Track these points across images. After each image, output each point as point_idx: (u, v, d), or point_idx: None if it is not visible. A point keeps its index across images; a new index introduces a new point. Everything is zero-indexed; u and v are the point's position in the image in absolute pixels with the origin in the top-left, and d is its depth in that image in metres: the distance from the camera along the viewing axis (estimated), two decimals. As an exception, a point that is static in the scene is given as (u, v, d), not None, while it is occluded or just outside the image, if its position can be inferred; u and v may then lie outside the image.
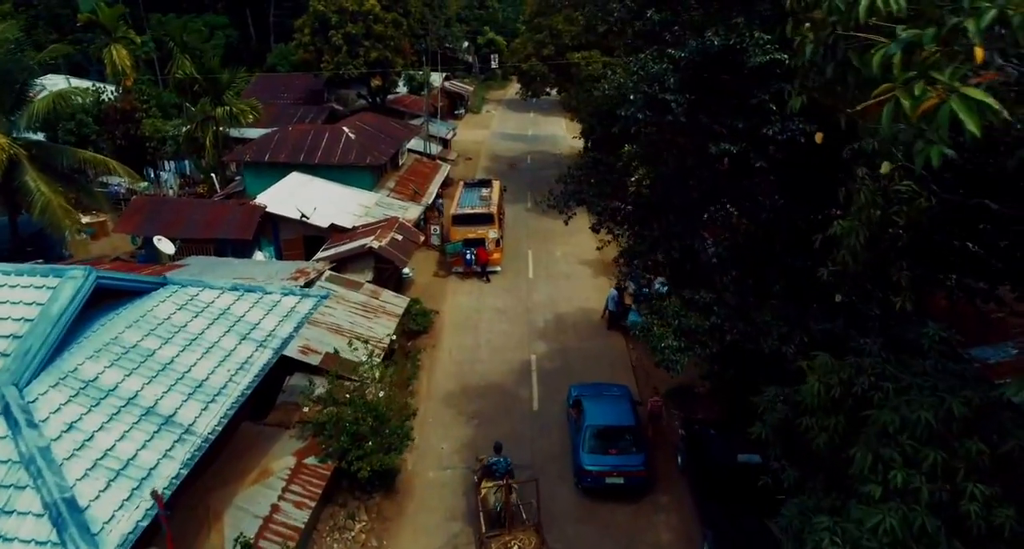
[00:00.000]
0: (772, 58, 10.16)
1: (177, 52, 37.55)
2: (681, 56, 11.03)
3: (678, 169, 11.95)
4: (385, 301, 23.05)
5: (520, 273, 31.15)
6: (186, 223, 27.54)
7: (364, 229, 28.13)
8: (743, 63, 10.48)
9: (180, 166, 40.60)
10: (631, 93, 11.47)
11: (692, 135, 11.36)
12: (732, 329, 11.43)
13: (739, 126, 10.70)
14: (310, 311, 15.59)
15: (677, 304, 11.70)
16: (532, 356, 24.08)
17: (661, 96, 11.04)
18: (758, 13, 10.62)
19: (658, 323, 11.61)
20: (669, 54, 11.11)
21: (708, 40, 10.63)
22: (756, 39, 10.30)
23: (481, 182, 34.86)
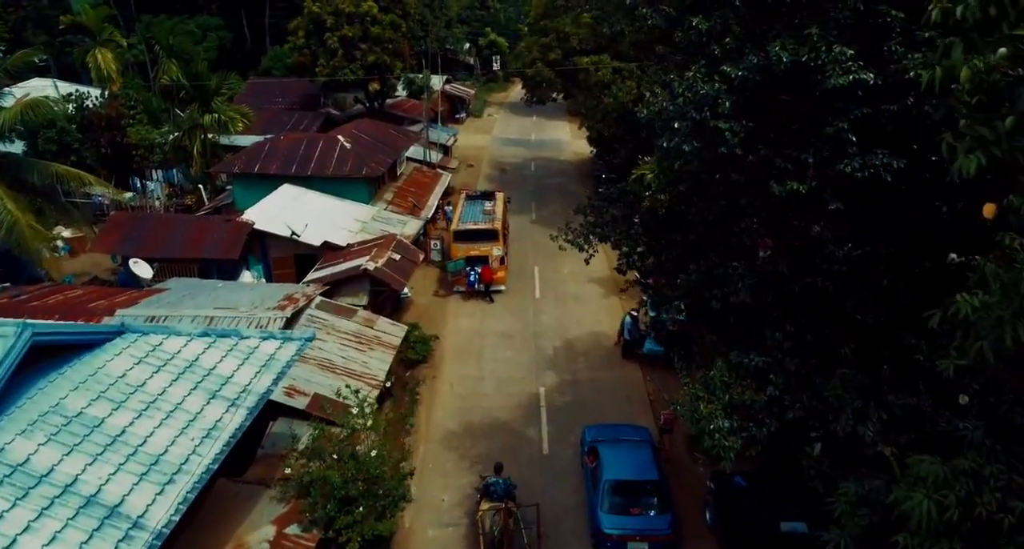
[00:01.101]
0: (856, 78, 8.28)
1: (163, 56, 35.66)
2: (738, 75, 9.14)
3: (729, 209, 10.09)
4: (381, 331, 21.13)
5: (526, 293, 29.25)
6: (168, 241, 25.64)
7: (359, 248, 26.23)
8: (816, 84, 8.61)
9: (168, 175, 38.67)
10: (675, 120, 9.55)
11: (749, 171, 9.50)
12: (794, 404, 9.57)
13: (808, 161, 8.83)
14: (292, 358, 13.67)
15: (724, 370, 9.83)
16: (541, 388, 22.20)
17: (713, 123, 9.14)
18: (836, 22, 8.72)
19: (705, 397, 9.73)
20: (722, 72, 9.21)
21: (774, 55, 8.72)
22: (836, 54, 8.41)
23: (484, 194, 32.95)
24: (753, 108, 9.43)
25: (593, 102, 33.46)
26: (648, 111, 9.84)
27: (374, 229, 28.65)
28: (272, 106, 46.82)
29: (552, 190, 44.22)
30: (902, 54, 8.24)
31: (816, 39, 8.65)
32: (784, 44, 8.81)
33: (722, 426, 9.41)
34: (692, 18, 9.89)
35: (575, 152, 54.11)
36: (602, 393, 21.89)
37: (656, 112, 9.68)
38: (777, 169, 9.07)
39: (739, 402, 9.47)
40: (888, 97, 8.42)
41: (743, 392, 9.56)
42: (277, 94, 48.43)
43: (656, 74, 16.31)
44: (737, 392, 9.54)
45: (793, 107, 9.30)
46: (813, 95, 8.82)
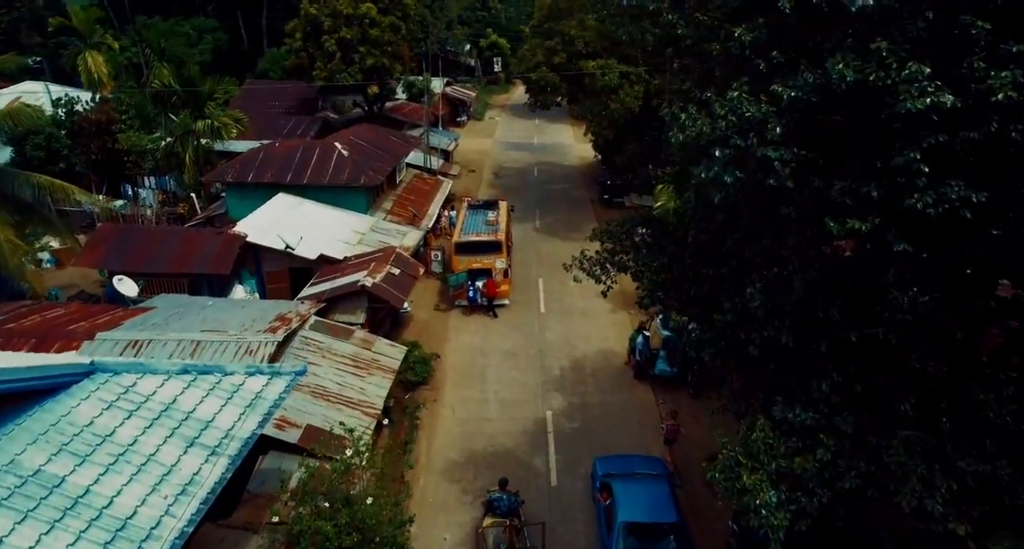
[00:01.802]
0: (935, 101, 7.10)
1: (155, 60, 34.49)
2: (791, 96, 7.97)
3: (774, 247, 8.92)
4: (379, 353, 19.98)
5: (530, 307, 28.09)
6: (156, 255, 24.49)
7: (357, 261, 25.10)
8: (883, 107, 7.45)
9: (162, 182, 37.54)
10: (715, 146, 8.38)
11: (800, 205, 8.34)
12: (850, 470, 8.41)
13: (872, 195, 7.66)
14: (281, 395, 12.51)
15: (767, 429, 8.64)
16: (547, 412, 21.04)
17: (761, 152, 7.97)
18: (908, 35, 7.54)
19: (747, 464, 8.55)
20: (772, 92, 8.05)
21: (835, 73, 7.53)
22: (911, 73, 7.23)
23: (487, 203, 31.79)
24: (806, 134, 8.24)
25: (600, 107, 32.29)
26: (684, 136, 8.68)
27: (372, 241, 27.53)
28: (269, 110, 45.68)
29: (556, 196, 43.08)
30: (985, 72, 7.10)
31: (885, 55, 7.50)
32: (845, 60, 7.64)
33: (769, 500, 8.23)
34: (733, 28, 8.73)
35: (579, 156, 52.98)
36: (612, 418, 20.74)
37: (693, 137, 8.52)
38: (834, 204, 7.93)
39: (787, 470, 8.31)
40: (968, 122, 7.27)
41: (791, 458, 8.38)
42: (274, 97, 47.27)
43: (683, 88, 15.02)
44: (784, 458, 8.35)
45: (853, 132, 8.13)
46: (877, 119, 7.67)
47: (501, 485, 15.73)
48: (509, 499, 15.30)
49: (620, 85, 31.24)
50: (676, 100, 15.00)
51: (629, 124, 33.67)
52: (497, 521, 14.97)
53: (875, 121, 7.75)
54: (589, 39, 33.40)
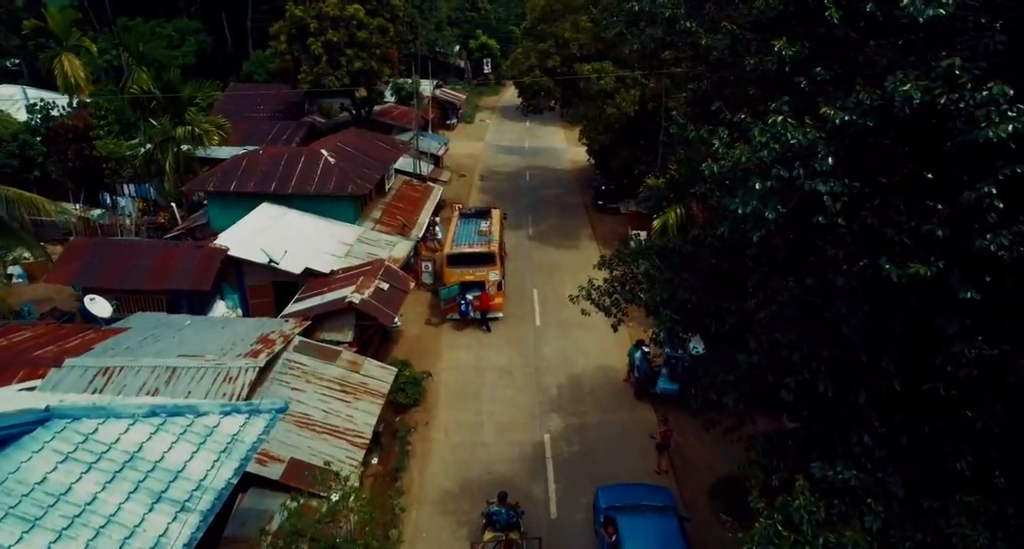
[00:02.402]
0: (1018, 128, 6.13)
1: (133, 63, 33.23)
2: (843, 119, 6.99)
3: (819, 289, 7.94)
4: (368, 375, 18.91)
5: (525, 319, 27.10)
6: (132, 271, 23.30)
7: (344, 275, 24.00)
8: (953, 133, 6.50)
9: (142, 190, 36.29)
10: (755, 178, 7.50)
11: (850, 244, 7.37)
12: (903, 541, 7.46)
13: (936, 234, 6.71)
14: (260, 437, 11.45)
15: (807, 494, 7.65)
16: (545, 435, 20.06)
17: (808, 185, 7.00)
18: (983, 49, 6.56)
19: (789, 537, 7.53)
20: (821, 116, 7.07)
21: (899, 94, 6.56)
22: (991, 95, 6.27)
23: (479, 212, 30.74)
24: (857, 163, 7.26)
25: (595, 112, 31.31)
26: (719, 166, 7.67)
27: (361, 252, 26.44)
28: (253, 114, 44.49)
29: (549, 202, 42.12)
30: None
31: (958, 73, 6.53)
32: (909, 78, 6.66)
33: (821, 583, 7.28)
34: (772, 42, 7.72)
35: (571, 160, 52.04)
36: (613, 441, 19.78)
37: (729, 167, 7.52)
38: (889, 242, 6.97)
39: (835, 543, 7.34)
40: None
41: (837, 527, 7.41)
42: (259, 101, 46.05)
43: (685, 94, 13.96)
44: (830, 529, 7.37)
45: (913, 162, 7.16)
46: (943, 147, 6.73)
47: (500, 499, 15.45)
48: (508, 513, 15.13)
49: (616, 89, 30.28)
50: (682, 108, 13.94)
51: (624, 128, 32.72)
52: (496, 535, 14.87)
53: (940, 149, 6.80)
54: (584, 42, 32.38)
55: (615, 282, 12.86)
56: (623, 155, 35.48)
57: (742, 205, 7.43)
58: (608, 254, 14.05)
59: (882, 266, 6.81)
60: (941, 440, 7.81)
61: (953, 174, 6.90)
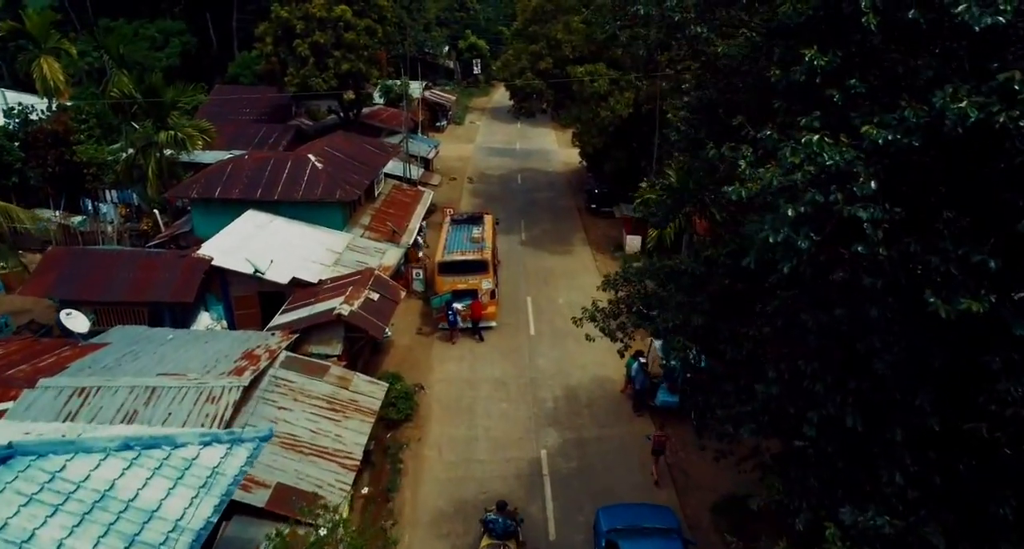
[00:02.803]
0: None
1: (113, 66, 32.31)
2: (887, 139, 6.35)
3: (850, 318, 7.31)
4: (357, 391, 18.20)
5: (519, 329, 26.43)
6: (112, 282, 22.49)
7: (333, 285, 23.28)
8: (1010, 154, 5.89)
9: (124, 196, 35.37)
10: (787, 204, 6.79)
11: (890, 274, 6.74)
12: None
13: (988, 265, 6.09)
14: (242, 469, 10.76)
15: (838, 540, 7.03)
16: (542, 451, 19.40)
17: (847, 211, 6.37)
18: None
19: None
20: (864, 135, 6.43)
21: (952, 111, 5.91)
22: None
23: (471, 218, 30.05)
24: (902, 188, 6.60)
25: (589, 115, 30.68)
26: (747, 189, 7.01)
27: (350, 261, 25.71)
28: (239, 117, 43.64)
29: (542, 206, 41.47)
30: None
31: (1018, 88, 5.91)
32: (962, 94, 6.02)
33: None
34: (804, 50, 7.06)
35: (563, 162, 51.43)
36: (612, 456, 19.15)
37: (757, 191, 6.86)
38: (936, 274, 6.36)
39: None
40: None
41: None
42: (245, 103, 45.18)
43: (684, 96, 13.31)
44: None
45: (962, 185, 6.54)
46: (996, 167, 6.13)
47: (499, 507, 15.26)
48: (505, 522, 14.96)
49: (610, 91, 29.67)
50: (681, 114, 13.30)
51: (618, 131, 32.14)
52: (493, 543, 14.78)
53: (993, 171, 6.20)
54: (576, 43, 31.74)
55: (620, 304, 12.20)
56: (616, 157, 34.91)
57: (772, 232, 6.74)
58: (612, 273, 13.37)
59: (927, 300, 6.20)
60: (981, 482, 7.22)
61: (1007, 199, 6.29)
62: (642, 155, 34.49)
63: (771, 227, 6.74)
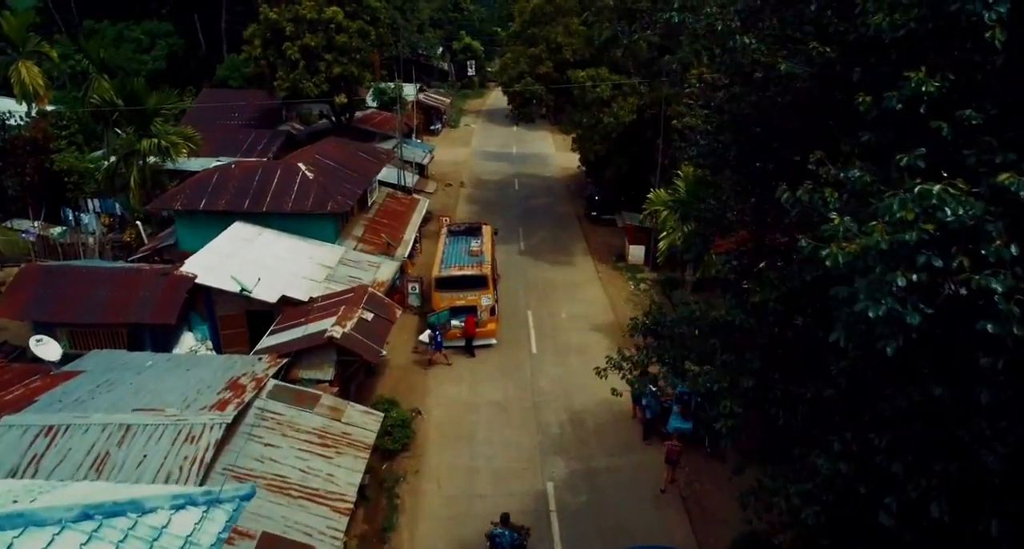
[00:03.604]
0: None
1: (94, 72, 30.92)
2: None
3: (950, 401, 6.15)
4: (351, 423, 16.94)
5: (520, 346, 25.21)
6: (89, 302, 21.15)
7: (324, 303, 22.03)
8: None
9: (107, 205, 33.99)
10: (891, 268, 5.52)
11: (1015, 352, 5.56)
12: None
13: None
14: (219, 536, 9.47)
15: None
16: (548, 484, 18.19)
17: (977, 281, 5.17)
18: None
19: None
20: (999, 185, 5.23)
21: None
22: None
23: (469, 228, 28.81)
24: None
25: (591, 121, 29.49)
26: (844, 253, 5.77)
27: (342, 276, 24.45)
28: (227, 121, 42.27)
29: (540, 213, 40.29)
30: None
31: None
32: None
33: None
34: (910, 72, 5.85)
35: (561, 167, 50.26)
36: (623, 489, 17.96)
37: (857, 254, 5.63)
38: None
39: None
40: None
41: None
42: (233, 107, 43.79)
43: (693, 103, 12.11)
44: None
45: None
46: None
47: (503, 521, 14.99)
48: (511, 535, 14.76)
49: (613, 97, 28.49)
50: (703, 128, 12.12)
51: (620, 137, 30.97)
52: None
53: None
54: (577, 46, 30.51)
55: (650, 353, 10.95)
56: (618, 164, 33.76)
57: (873, 306, 5.51)
58: (640, 316, 12.09)
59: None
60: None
61: None
62: (645, 162, 33.36)
63: (869, 297, 5.50)
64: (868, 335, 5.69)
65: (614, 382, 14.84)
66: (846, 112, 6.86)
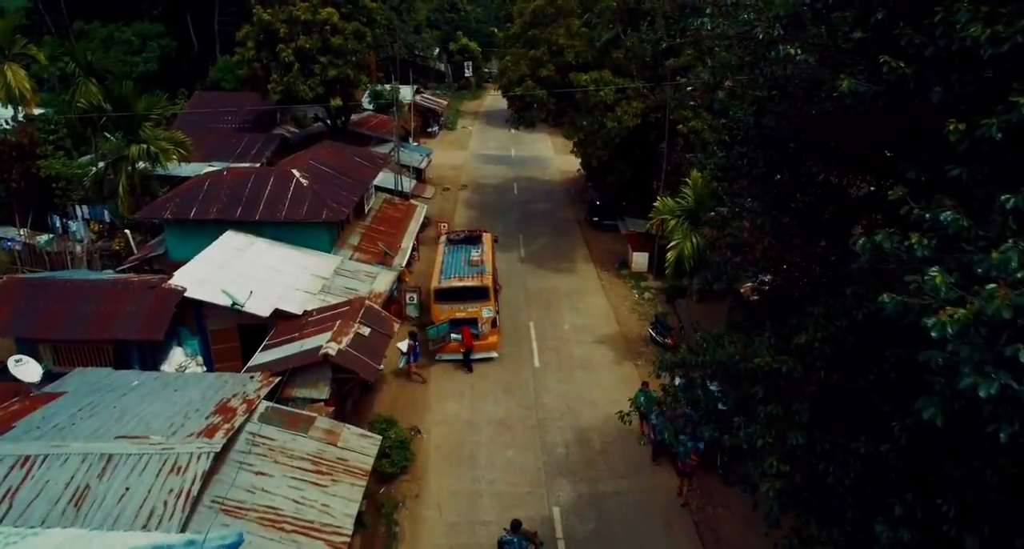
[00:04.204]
0: None
1: (81, 75, 29.99)
2: None
3: None
4: (347, 447, 16.08)
5: (522, 360, 24.37)
6: (74, 317, 20.27)
7: (319, 316, 21.19)
8: None
9: (96, 212, 33.03)
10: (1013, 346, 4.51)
11: None
12: None
13: None
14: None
15: None
16: (555, 509, 17.37)
17: None
18: None
19: None
20: None
21: None
22: None
23: (468, 237, 27.94)
24: None
25: (595, 126, 28.66)
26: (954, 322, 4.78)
27: (338, 287, 23.58)
28: (220, 125, 41.34)
29: (540, 218, 39.45)
30: None
31: None
32: None
33: None
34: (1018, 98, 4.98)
35: (561, 170, 49.45)
36: (633, 514, 17.15)
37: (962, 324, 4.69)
38: None
39: None
40: None
41: None
42: (226, 110, 42.80)
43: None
44: None
45: None
46: None
47: (513, 528, 14.77)
48: (521, 543, 14.61)
49: (616, 101, 27.67)
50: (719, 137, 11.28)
51: (623, 141, 30.15)
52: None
53: None
54: (580, 49, 29.65)
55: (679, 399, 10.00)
56: (620, 168, 32.94)
57: (983, 382, 4.69)
58: (668, 356, 11.16)
59: None
60: None
61: None
62: (648, 166, 32.57)
63: (976, 370, 4.65)
64: (971, 414, 4.87)
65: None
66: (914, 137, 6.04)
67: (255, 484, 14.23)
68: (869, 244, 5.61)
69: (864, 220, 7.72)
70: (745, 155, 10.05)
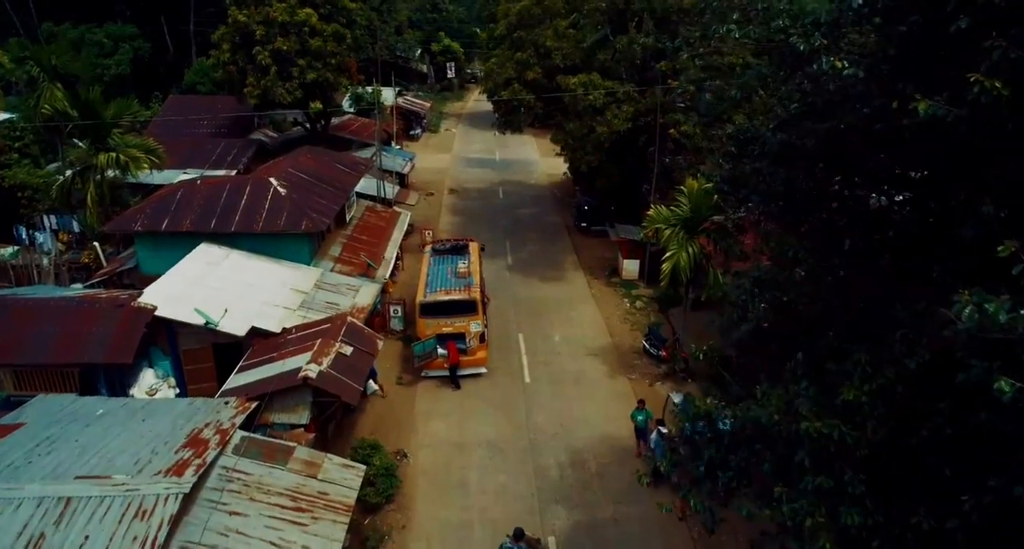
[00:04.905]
0: None
1: (45, 79, 28.63)
2: None
3: None
4: (328, 480, 15.03)
5: (512, 375, 23.42)
6: (36, 340, 19.02)
7: (299, 335, 20.12)
8: None
9: (64, 222, 31.69)
10: None
11: None
12: None
13: None
14: None
15: None
16: (550, 539, 16.42)
17: None
18: None
19: None
20: None
21: None
22: None
23: (454, 248, 26.90)
24: None
25: (583, 130, 27.75)
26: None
27: (318, 302, 22.50)
28: (196, 130, 40.02)
29: (527, 224, 38.52)
30: None
31: None
32: None
33: None
34: None
35: (546, 174, 48.59)
36: (633, 544, 16.23)
37: None
38: None
39: None
40: None
41: None
42: (202, 114, 41.46)
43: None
44: None
45: None
46: None
47: (516, 536, 14.49)
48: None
49: (606, 105, 26.78)
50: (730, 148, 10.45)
51: (613, 146, 29.29)
52: None
53: None
54: (567, 51, 28.73)
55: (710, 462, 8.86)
56: (609, 172, 32.08)
57: None
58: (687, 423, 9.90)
59: None
60: None
61: None
62: (638, 170, 31.75)
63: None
64: None
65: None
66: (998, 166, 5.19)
67: (229, 526, 13.16)
68: (975, 313, 4.71)
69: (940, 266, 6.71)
70: (760, 171, 9.19)
